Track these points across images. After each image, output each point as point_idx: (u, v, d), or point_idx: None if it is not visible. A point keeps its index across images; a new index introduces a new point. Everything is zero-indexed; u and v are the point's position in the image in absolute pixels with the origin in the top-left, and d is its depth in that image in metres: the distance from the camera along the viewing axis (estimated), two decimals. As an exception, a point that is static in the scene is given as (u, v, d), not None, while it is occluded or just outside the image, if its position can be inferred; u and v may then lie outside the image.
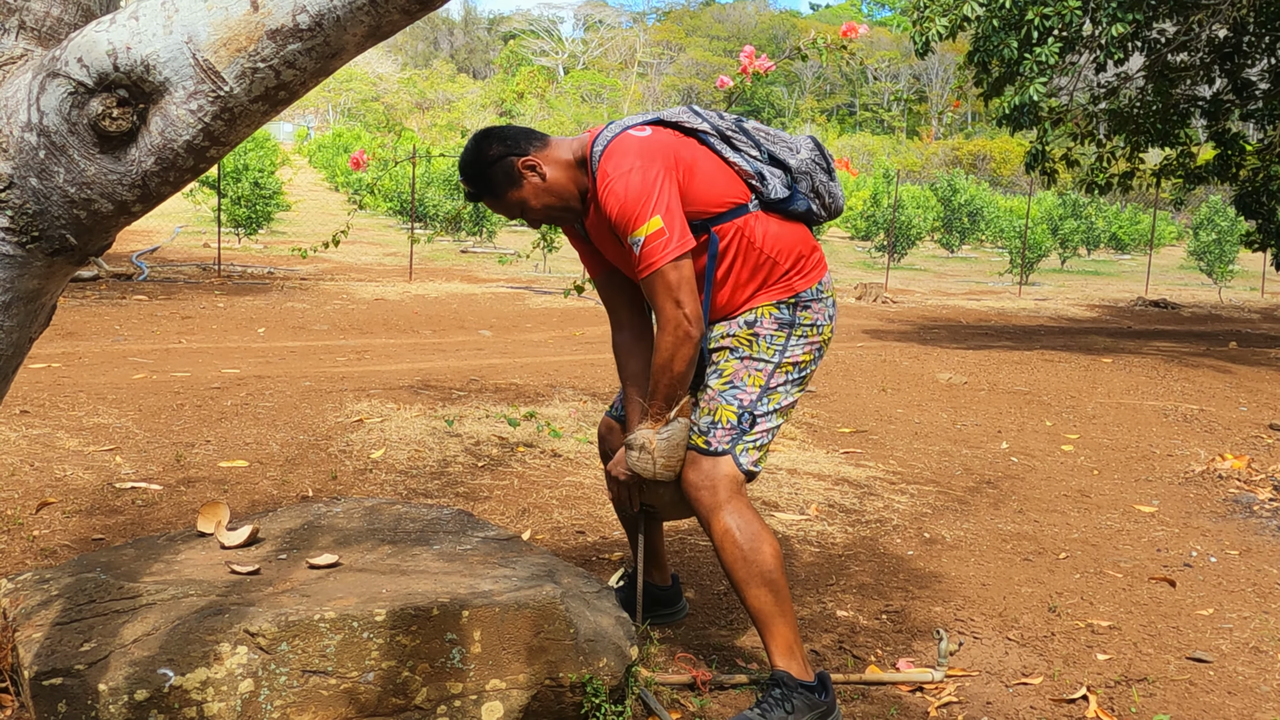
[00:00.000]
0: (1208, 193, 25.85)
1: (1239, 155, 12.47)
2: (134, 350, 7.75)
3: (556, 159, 2.58)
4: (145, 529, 3.61)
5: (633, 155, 2.46)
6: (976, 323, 13.84)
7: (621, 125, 2.57)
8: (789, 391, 2.63)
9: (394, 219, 25.78)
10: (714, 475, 2.55)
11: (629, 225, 2.44)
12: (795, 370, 2.63)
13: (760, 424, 2.59)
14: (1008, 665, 2.98)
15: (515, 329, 10.65)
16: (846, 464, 5.23)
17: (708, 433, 2.57)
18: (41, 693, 2.00)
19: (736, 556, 2.51)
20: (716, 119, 2.65)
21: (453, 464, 4.68)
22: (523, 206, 2.60)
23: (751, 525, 2.53)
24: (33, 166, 1.21)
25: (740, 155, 2.61)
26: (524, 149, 2.56)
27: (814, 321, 2.64)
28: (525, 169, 2.56)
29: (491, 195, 2.60)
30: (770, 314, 2.62)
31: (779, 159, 2.64)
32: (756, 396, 2.58)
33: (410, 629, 2.18)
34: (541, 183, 2.57)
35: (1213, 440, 6.34)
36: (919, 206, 26.77)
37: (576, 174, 2.59)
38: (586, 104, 61.35)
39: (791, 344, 2.62)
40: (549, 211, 2.62)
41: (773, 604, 2.53)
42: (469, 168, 2.59)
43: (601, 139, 2.55)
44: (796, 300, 2.62)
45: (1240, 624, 3.40)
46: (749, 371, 2.59)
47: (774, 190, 2.60)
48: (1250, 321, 15.99)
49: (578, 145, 2.61)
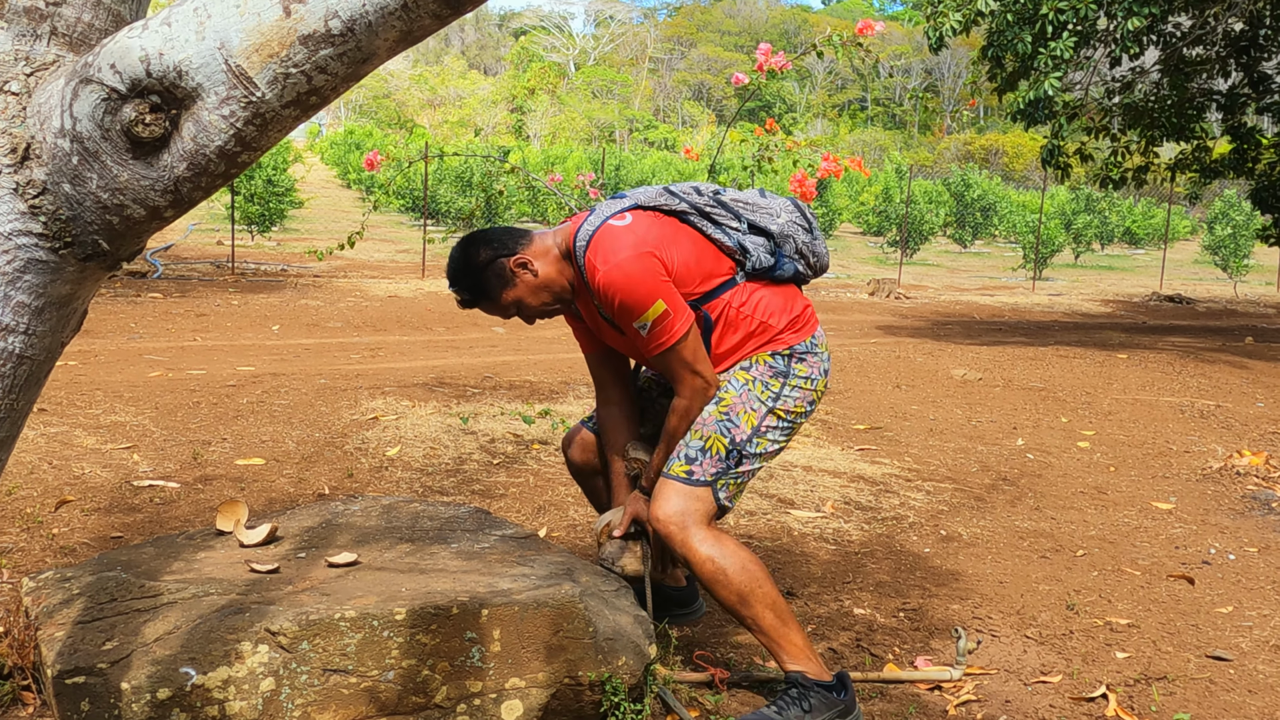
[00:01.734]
0: (1222, 187, 25.71)
1: (1255, 149, 12.41)
2: (150, 348, 7.78)
3: (544, 252, 2.59)
4: (164, 527, 3.62)
5: (620, 246, 2.47)
6: (990, 318, 13.80)
7: (601, 216, 2.57)
8: (776, 440, 2.65)
9: (406, 216, 25.83)
10: (685, 511, 2.54)
11: (632, 314, 2.47)
12: (786, 419, 2.64)
13: (745, 464, 2.60)
14: (1026, 663, 2.97)
15: (528, 326, 10.66)
16: (862, 461, 5.22)
17: (695, 460, 2.57)
18: (65, 691, 2.01)
19: (724, 584, 2.51)
20: (694, 196, 2.66)
21: (468, 461, 4.68)
22: (519, 305, 2.61)
23: (728, 547, 2.53)
24: (66, 172, 1.22)
25: (721, 230, 2.62)
26: (512, 248, 2.57)
27: (808, 375, 2.66)
28: (517, 268, 2.56)
29: (486, 299, 2.60)
30: (765, 361, 2.64)
31: (760, 227, 2.66)
32: (748, 436, 2.59)
33: (430, 628, 2.18)
34: (535, 279, 2.57)
35: (1230, 436, 6.31)
36: (931, 202, 26.70)
37: (564, 265, 2.60)
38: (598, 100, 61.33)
39: (785, 393, 2.63)
40: (545, 306, 2.64)
41: (772, 617, 2.54)
42: (460, 276, 2.58)
43: (584, 232, 2.55)
44: (791, 353, 2.64)
45: (1260, 621, 3.38)
46: (745, 409, 2.60)
47: (758, 260, 2.63)
48: (1266, 316, 15.90)
49: (561, 237, 2.61)
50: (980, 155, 54.24)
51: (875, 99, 75.70)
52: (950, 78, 68.03)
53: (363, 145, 32.24)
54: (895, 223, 25.38)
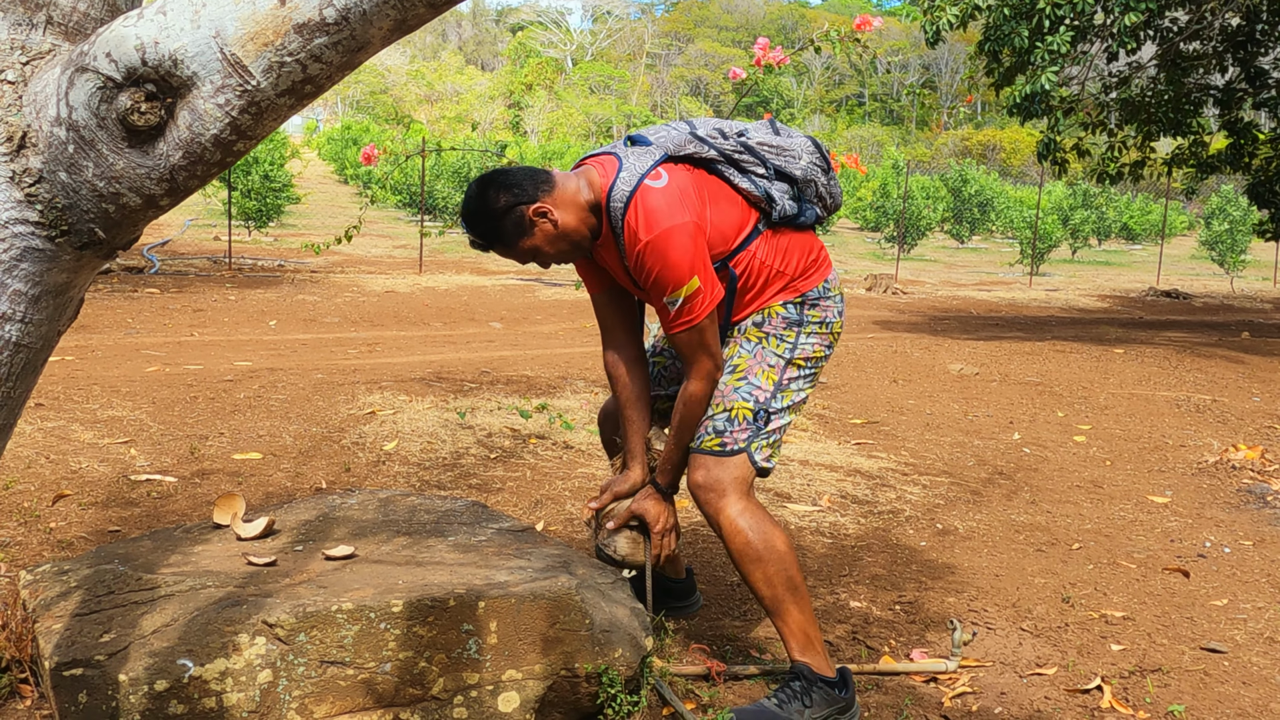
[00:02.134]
0: (1219, 182, 25.73)
1: (1251, 144, 12.42)
2: (146, 343, 7.78)
3: (567, 201, 2.48)
4: (161, 521, 3.63)
5: (663, 212, 2.40)
6: (987, 313, 13.81)
7: (635, 173, 2.45)
8: (801, 388, 2.63)
9: (403, 211, 25.81)
10: (723, 477, 2.53)
11: (667, 286, 2.42)
12: (807, 365, 2.63)
13: (775, 420, 2.58)
14: (1022, 656, 2.98)
15: (526, 321, 10.67)
16: (859, 455, 5.23)
17: (724, 431, 2.55)
18: (62, 683, 2.02)
19: (751, 557, 2.50)
20: (721, 141, 2.58)
21: (465, 456, 4.69)
22: (535, 253, 2.52)
23: (763, 524, 2.52)
24: (62, 161, 1.22)
25: (748, 178, 2.57)
26: (533, 194, 2.44)
27: (823, 318, 2.64)
28: (537, 216, 2.44)
29: (502, 245, 2.50)
30: (778, 313, 2.62)
31: (785, 172, 2.62)
32: (771, 393, 2.58)
33: (427, 620, 2.19)
34: (554, 229, 2.46)
35: (1226, 431, 6.33)
36: (929, 197, 26.70)
37: (587, 215, 2.50)
38: (595, 95, 61.25)
39: (801, 340, 2.61)
40: (562, 255, 2.55)
41: (790, 600, 2.52)
42: (476, 219, 2.47)
43: (619, 191, 2.44)
44: (803, 299, 2.62)
45: (1255, 614, 3.39)
46: (762, 368, 2.59)
47: (782, 209, 2.59)
48: (1263, 311, 15.92)
49: (587, 187, 2.49)
50: (977, 151, 54.26)
51: (873, 95, 75.67)
52: (948, 73, 68.02)
53: (360, 141, 32.21)
54: (892, 218, 25.39)
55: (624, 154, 2.53)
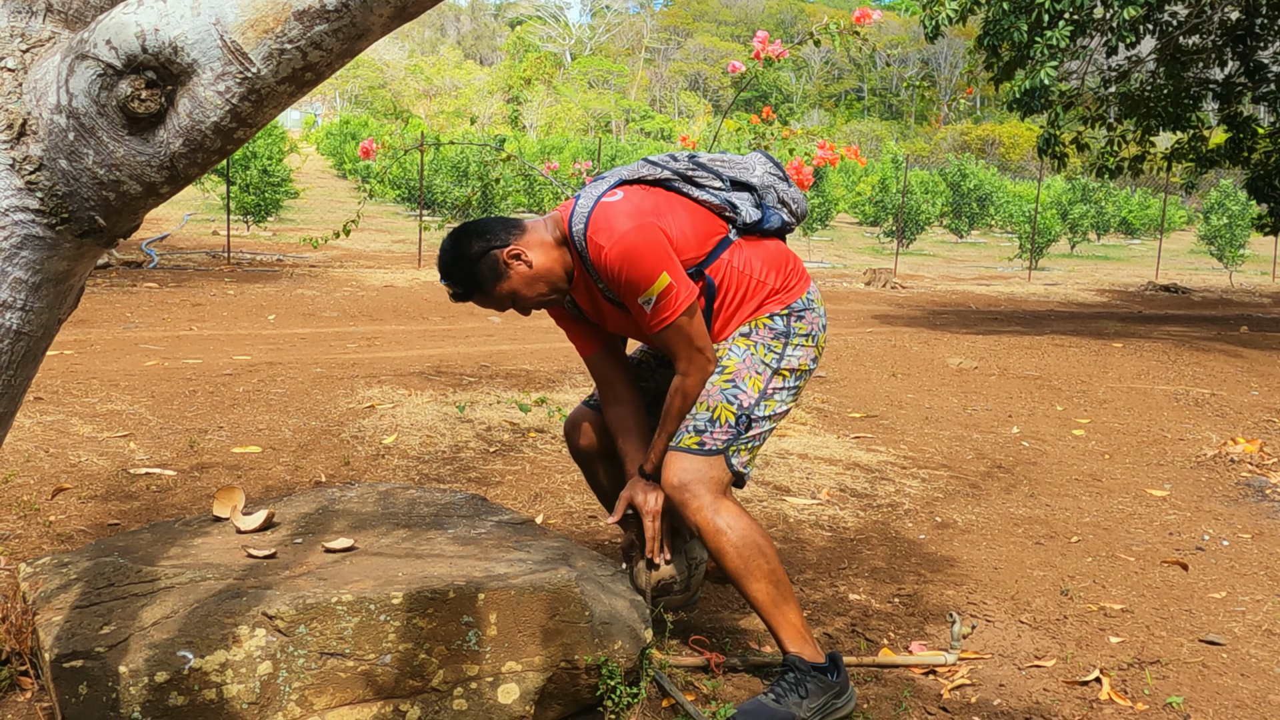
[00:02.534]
0: (1218, 176, 25.73)
1: (1251, 138, 12.41)
2: (145, 337, 7.78)
3: (538, 242, 2.55)
4: (160, 514, 3.63)
5: (621, 219, 2.46)
6: (986, 308, 13.81)
7: (592, 196, 2.54)
8: (784, 400, 2.65)
9: (402, 206, 25.79)
10: (698, 478, 2.54)
11: (638, 288, 2.45)
12: (792, 377, 2.65)
13: (755, 427, 2.60)
14: (1020, 648, 2.99)
15: (524, 316, 10.65)
16: (858, 449, 5.24)
17: (705, 430, 2.57)
18: (62, 675, 2.02)
19: (733, 556, 2.51)
20: (672, 163, 2.65)
21: (465, 449, 4.69)
22: (514, 297, 2.57)
23: (741, 522, 2.53)
24: (62, 148, 1.22)
25: (706, 191, 2.62)
26: (505, 239, 2.52)
27: (808, 331, 2.67)
28: (510, 259, 2.51)
29: (480, 292, 2.56)
30: (765, 325, 2.64)
31: (741, 181, 2.67)
32: (755, 400, 2.59)
33: (427, 612, 2.19)
34: (529, 270, 2.53)
35: (1224, 424, 6.33)
36: (928, 192, 26.69)
37: (561, 254, 2.57)
38: (594, 90, 61.20)
39: (788, 352, 2.64)
40: (540, 298, 2.60)
41: (775, 595, 2.54)
42: (452, 269, 2.54)
43: (578, 215, 2.53)
44: (789, 311, 2.65)
45: (1253, 607, 3.40)
46: (750, 374, 2.60)
47: (747, 215, 2.63)
48: (1261, 306, 15.93)
49: (553, 225, 2.58)
50: (977, 145, 54.24)
51: (872, 89, 75.62)
52: (947, 67, 67.97)
53: (358, 135, 32.18)
54: (891, 213, 25.38)
55: (581, 190, 2.62)
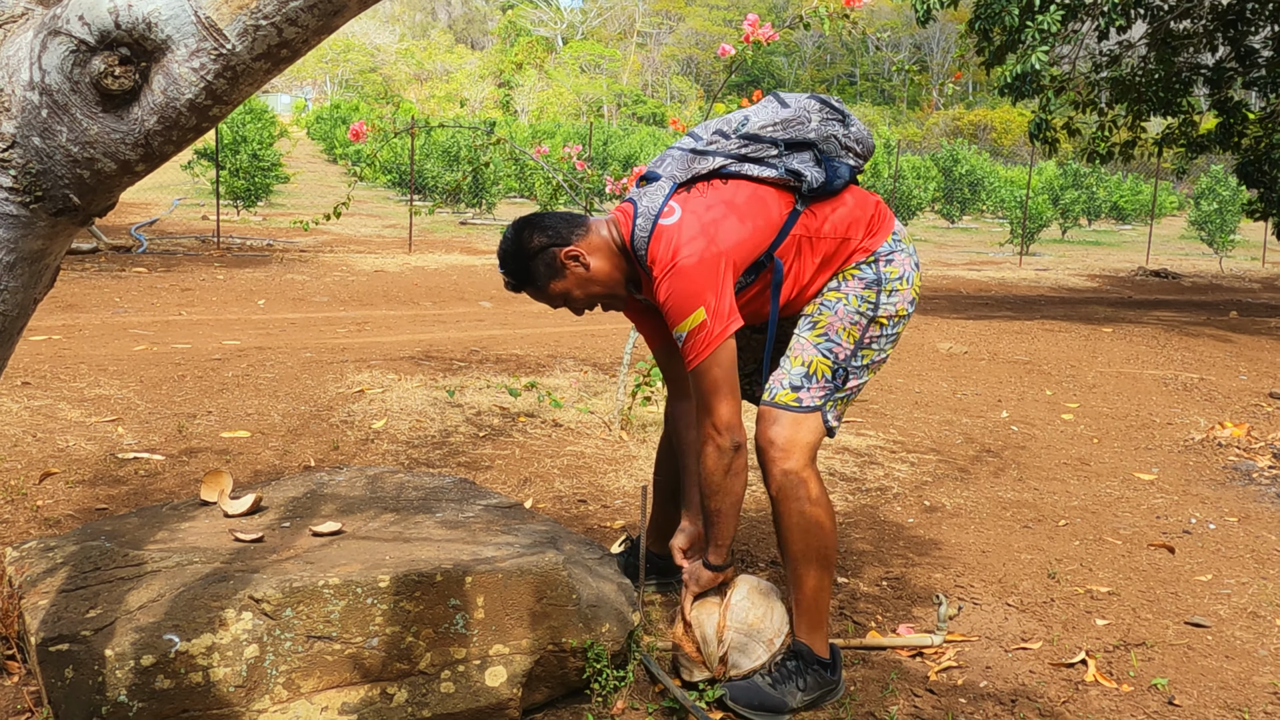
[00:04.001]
0: (1209, 162, 25.77)
1: (1241, 124, 12.42)
2: (134, 322, 7.75)
3: (599, 246, 2.49)
4: (148, 499, 3.62)
5: (675, 248, 2.36)
6: (977, 293, 13.83)
7: (650, 216, 2.43)
8: (882, 347, 2.56)
9: (392, 191, 25.71)
10: (795, 439, 2.46)
11: (675, 319, 2.37)
12: (890, 324, 2.55)
13: (852, 379, 2.53)
14: (1007, 630, 3.00)
15: (515, 300, 10.65)
16: (847, 433, 5.24)
17: (801, 387, 2.48)
18: (48, 659, 2.01)
19: (799, 527, 2.45)
20: (725, 143, 2.52)
21: (454, 434, 4.69)
22: (566, 297, 2.52)
23: (820, 499, 2.47)
24: (35, 125, 1.21)
25: (764, 166, 2.50)
26: (566, 238, 2.46)
27: (901, 274, 2.55)
28: (568, 259, 2.46)
29: (533, 286, 2.51)
30: (854, 275, 2.54)
31: (798, 141, 2.52)
32: (851, 351, 2.51)
33: (414, 595, 2.19)
34: (585, 272, 2.48)
35: (1212, 409, 6.35)
36: (920, 177, 26.70)
37: (620, 260, 2.50)
38: (585, 75, 61.00)
39: (884, 300, 2.53)
40: (593, 300, 2.54)
41: (820, 580, 2.49)
42: (510, 260, 2.50)
43: (639, 238, 2.44)
44: (876, 257, 2.54)
45: (1238, 589, 3.41)
46: (844, 325, 2.51)
47: (813, 179, 2.49)
48: (1251, 291, 15.98)
49: (615, 230, 2.50)
50: (968, 131, 54.22)
51: (863, 74, 75.48)
52: (939, 52, 67.87)
53: (349, 120, 32.04)
54: (883, 198, 25.37)
55: (637, 196, 2.51)
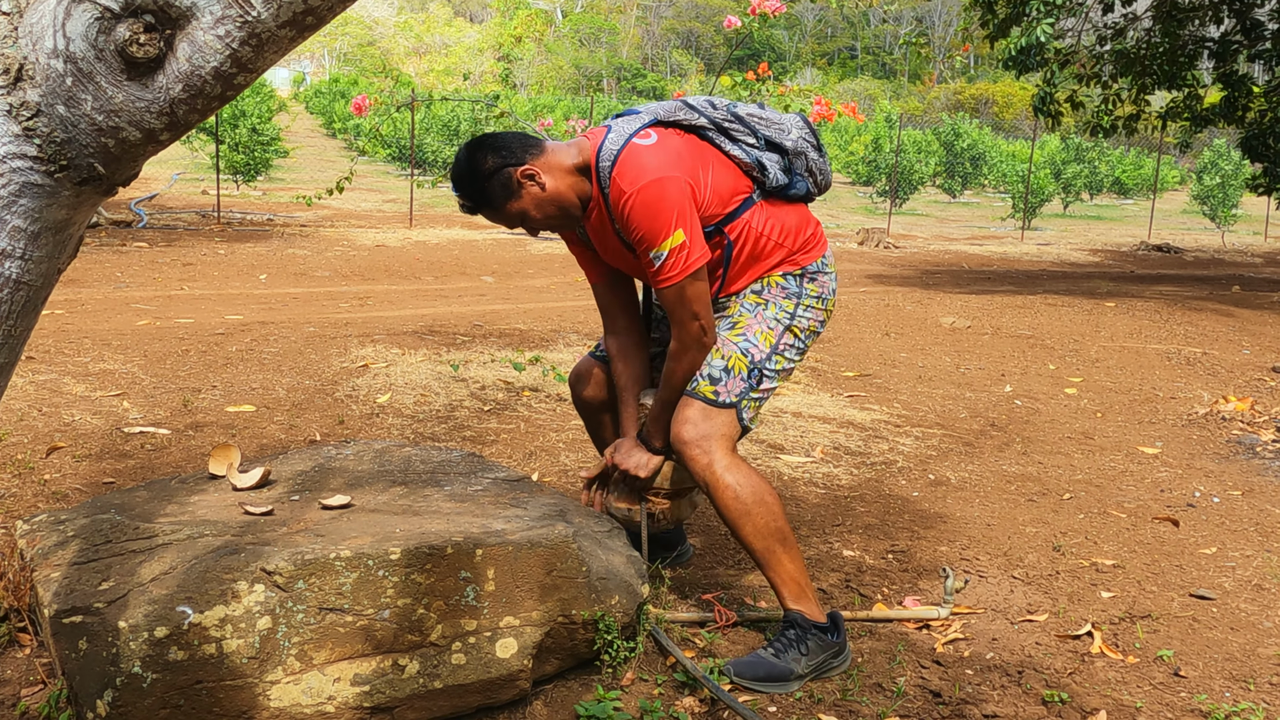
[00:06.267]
0: (1212, 136, 25.67)
1: (1246, 97, 12.36)
2: (136, 297, 7.74)
3: (555, 165, 2.51)
4: (155, 472, 3.63)
5: (650, 168, 2.41)
6: (979, 267, 13.81)
7: (624, 135, 2.49)
8: (792, 358, 2.65)
9: (393, 165, 25.62)
10: (711, 433, 2.54)
11: (651, 240, 2.41)
12: (801, 336, 2.65)
13: (765, 381, 2.61)
14: (1013, 603, 3.01)
15: (517, 275, 10.63)
16: (851, 407, 5.25)
17: (719, 380, 2.55)
18: (62, 630, 2.02)
19: (741, 513, 2.51)
20: (711, 110, 2.59)
21: (459, 408, 4.69)
22: (523, 217, 2.54)
23: (751, 479, 2.54)
24: (60, 94, 1.20)
25: (739, 146, 2.58)
26: (520, 158, 2.48)
27: (819, 294, 2.66)
28: (524, 179, 2.48)
29: (489, 207, 2.53)
30: (777, 282, 2.63)
31: (774, 142, 2.62)
32: (766, 355, 2.59)
33: (425, 567, 2.20)
34: (541, 192, 2.50)
35: (1216, 383, 6.36)
36: (921, 151, 26.57)
37: (577, 180, 2.53)
38: (585, 48, 60.65)
39: (799, 312, 2.63)
40: (549, 221, 2.57)
41: (781, 552, 2.54)
42: (463, 181, 2.50)
43: (607, 151, 2.47)
44: (803, 272, 2.64)
45: (1243, 562, 3.43)
46: (761, 328, 2.60)
47: (775, 178, 2.59)
48: (1253, 265, 15.94)
49: (576, 151, 2.53)
50: (970, 105, 53.95)
51: (865, 47, 75.05)
52: (941, 25, 67.48)
53: (348, 94, 31.90)
54: (885, 172, 25.28)
55: (613, 122, 2.56)
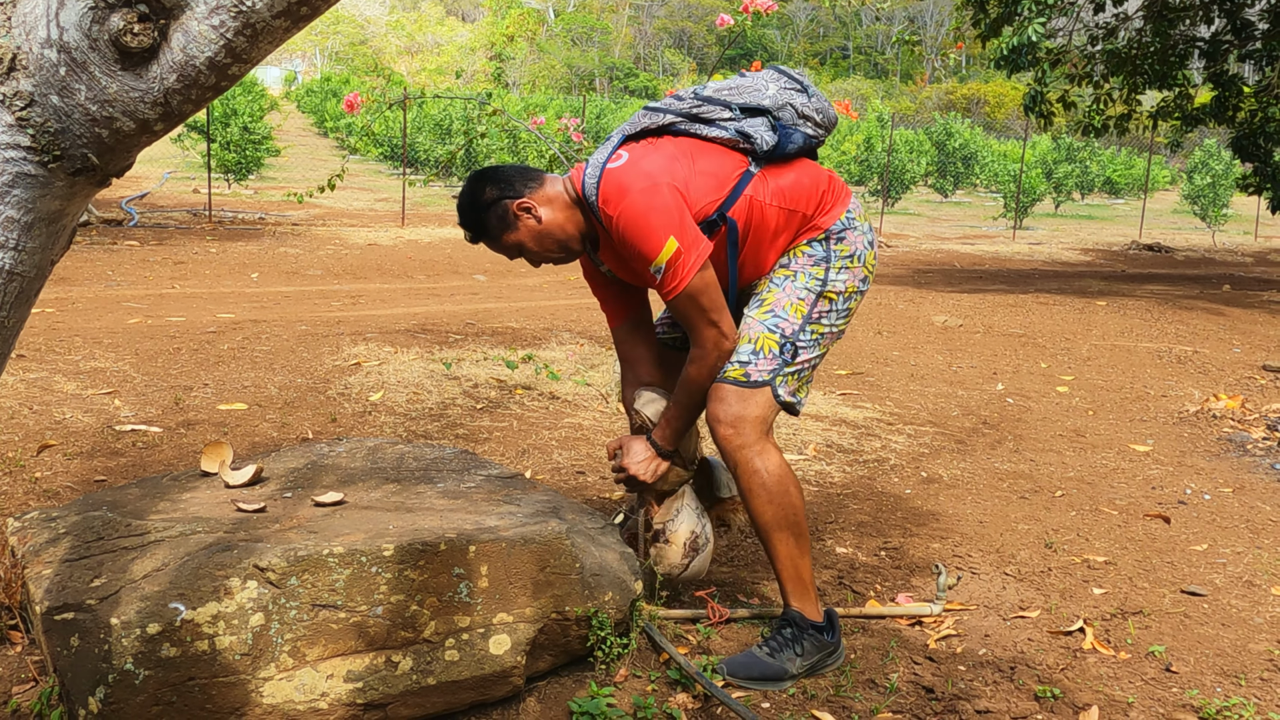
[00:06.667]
0: (1202, 136, 25.75)
1: (1236, 97, 12.40)
2: (127, 295, 7.71)
3: (552, 199, 2.52)
4: (147, 470, 3.62)
5: (626, 187, 2.41)
6: (971, 266, 13.83)
7: (598, 164, 2.49)
8: (834, 322, 2.58)
9: (384, 164, 25.58)
10: (745, 414, 2.49)
11: (646, 256, 2.39)
12: (840, 300, 2.57)
13: (802, 354, 2.54)
14: (1005, 599, 3.02)
15: (510, 274, 10.62)
16: (844, 405, 5.26)
17: (748, 363, 2.50)
18: (54, 627, 2.02)
19: (764, 499, 2.48)
20: (676, 104, 2.57)
21: (452, 406, 4.69)
22: (520, 248, 2.55)
23: (779, 468, 2.50)
24: (54, 84, 1.19)
25: (715, 127, 2.54)
26: (519, 191, 2.51)
27: (852, 252, 2.57)
28: (520, 211, 2.50)
29: (488, 238, 2.56)
30: (804, 251, 2.57)
31: (752, 107, 2.56)
32: (799, 326, 2.53)
33: (418, 564, 2.19)
34: (537, 225, 2.51)
35: (1206, 381, 6.38)
36: (913, 151, 26.63)
37: (574, 214, 2.54)
38: (577, 47, 60.64)
39: (832, 275, 2.56)
40: (547, 253, 2.57)
41: (794, 547, 2.52)
42: (466, 212, 2.55)
43: (588, 186, 2.48)
44: (827, 235, 2.56)
45: (1234, 559, 3.44)
46: (790, 300, 2.53)
47: (763, 142, 2.52)
48: (1243, 265, 16.00)
49: (569, 184, 2.55)
50: (962, 104, 54.06)
51: (857, 47, 75.14)
52: (933, 25, 67.60)
53: (339, 93, 31.84)
54: (877, 172, 25.32)
55: (590, 159, 2.57)
